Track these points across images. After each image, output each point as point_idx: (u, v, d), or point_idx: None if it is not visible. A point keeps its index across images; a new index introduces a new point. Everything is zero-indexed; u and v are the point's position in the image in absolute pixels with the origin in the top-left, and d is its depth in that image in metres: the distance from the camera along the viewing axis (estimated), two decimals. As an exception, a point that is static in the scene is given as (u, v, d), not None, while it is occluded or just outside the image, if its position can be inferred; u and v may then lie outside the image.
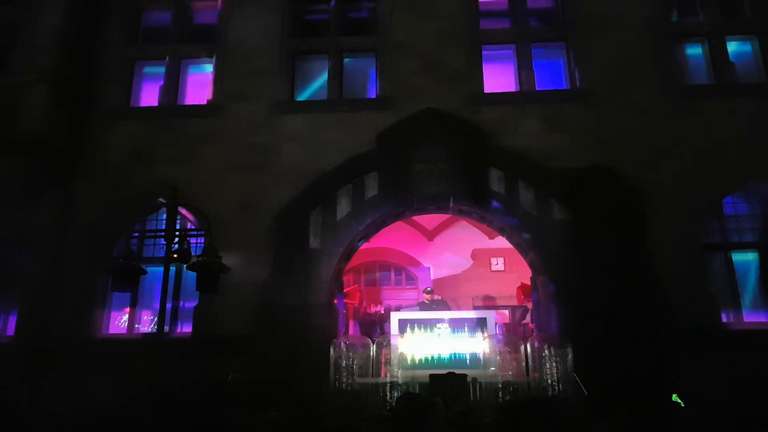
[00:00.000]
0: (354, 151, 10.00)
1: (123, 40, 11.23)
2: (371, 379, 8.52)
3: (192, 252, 6.88)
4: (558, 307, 9.06)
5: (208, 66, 11.11)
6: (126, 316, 10.05)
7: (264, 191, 9.92)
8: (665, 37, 10.48)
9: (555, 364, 8.41)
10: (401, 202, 9.78)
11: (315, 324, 9.02)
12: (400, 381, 8.41)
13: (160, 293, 6.71)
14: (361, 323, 12.15)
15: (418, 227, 13.97)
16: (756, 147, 9.52)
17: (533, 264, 9.77)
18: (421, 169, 9.72)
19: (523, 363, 8.59)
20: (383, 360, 8.73)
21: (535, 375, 8.46)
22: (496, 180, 9.74)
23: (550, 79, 10.84)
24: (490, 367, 8.60)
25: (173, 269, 6.75)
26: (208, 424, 5.68)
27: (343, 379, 8.45)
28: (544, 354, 8.50)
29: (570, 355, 8.35)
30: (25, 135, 9.58)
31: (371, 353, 8.68)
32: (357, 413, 7.72)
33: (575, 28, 10.70)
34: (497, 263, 14.03)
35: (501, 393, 8.23)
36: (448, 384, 7.90)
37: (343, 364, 8.52)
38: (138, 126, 10.59)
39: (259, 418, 5.78)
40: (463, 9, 10.88)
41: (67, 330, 9.31)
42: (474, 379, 8.23)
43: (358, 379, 8.48)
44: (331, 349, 8.59)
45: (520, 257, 10.29)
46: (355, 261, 11.62)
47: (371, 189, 9.84)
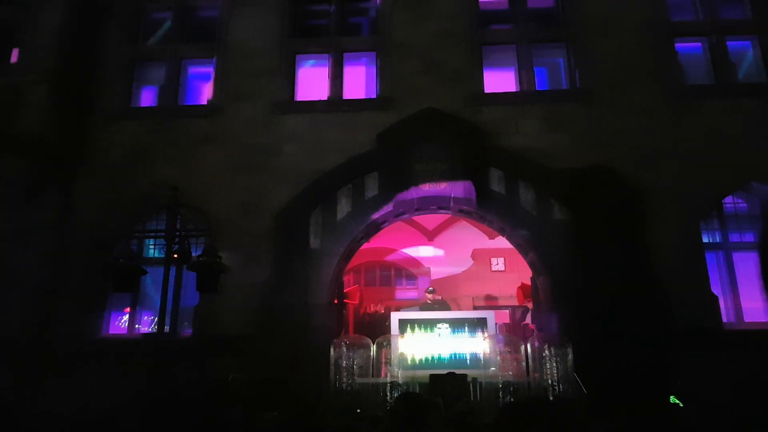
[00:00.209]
0: (354, 151, 10.00)
1: (123, 40, 11.24)
2: (371, 380, 8.51)
3: (192, 252, 6.88)
4: (558, 307, 9.07)
5: (208, 66, 11.12)
6: (126, 316, 10.06)
7: (264, 191, 9.92)
8: (665, 37, 10.47)
9: (555, 364, 8.39)
10: (401, 201, 9.77)
11: (315, 324, 9.02)
12: (400, 381, 8.39)
13: (160, 293, 6.72)
14: (361, 323, 12.14)
15: (418, 227, 13.98)
16: (756, 147, 9.52)
17: (533, 264, 9.77)
18: (422, 169, 9.72)
19: (524, 363, 8.58)
20: (383, 360, 8.72)
21: (536, 375, 8.45)
22: (496, 180, 9.74)
23: (550, 79, 10.84)
24: (490, 367, 8.59)
25: (173, 269, 6.73)
26: (208, 424, 5.68)
27: (344, 379, 8.44)
28: (544, 354, 8.49)
29: (570, 355, 8.34)
30: (26, 135, 9.59)
31: (371, 353, 8.66)
32: (357, 413, 7.71)
33: (575, 28, 10.70)
34: (497, 263, 14.04)
35: (501, 393, 8.21)
36: (448, 384, 7.89)
37: (344, 364, 8.51)
38: (138, 126, 10.59)
39: (259, 418, 5.78)
40: (464, 9, 10.88)
41: (67, 330, 9.31)
42: (474, 379, 8.21)
43: (358, 379, 8.46)
44: (332, 349, 8.58)
45: (520, 257, 10.30)
46: (356, 261, 11.62)
47: (371, 189, 9.84)
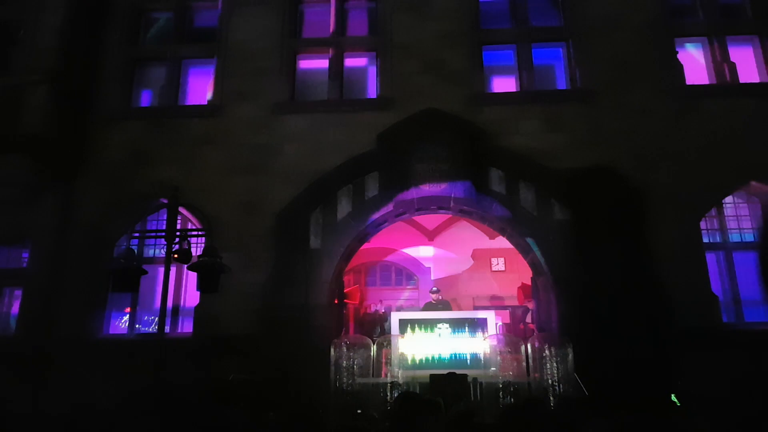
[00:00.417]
0: (354, 152, 9.99)
1: (123, 40, 11.24)
2: (372, 380, 8.51)
3: (193, 252, 6.88)
4: (558, 307, 9.07)
5: (208, 66, 11.12)
6: (126, 316, 10.06)
7: (265, 191, 9.92)
8: (665, 37, 10.47)
9: (555, 364, 8.40)
10: (402, 201, 9.78)
11: (315, 324, 9.01)
12: (400, 381, 8.40)
13: (160, 293, 6.73)
14: (362, 323, 12.14)
15: (418, 227, 13.97)
16: (756, 147, 9.51)
17: (534, 264, 9.76)
18: (422, 169, 9.71)
19: (524, 363, 8.58)
20: (384, 360, 8.73)
21: (536, 375, 8.45)
22: (496, 180, 9.75)
23: (550, 79, 10.84)
24: (490, 367, 8.59)
25: (174, 269, 6.74)
26: (208, 424, 5.68)
27: (344, 380, 8.44)
28: (544, 354, 8.49)
29: (570, 355, 8.34)
30: (26, 135, 9.58)
31: (372, 353, 8.66)
32: (357, 413, 7.71)
33: (576, 28, 10.70)
34: (498, 263, 14.03)
35: (501, 393, 8.22)
36: (448, 384, 7.90)
37: (344, 364, 8.51)
38: (139, 126, 10.59)
39: (260, 418, 5.78)
40: (464, 9, 10.88)
41: (67, 330, 9.31)
42: (474, 379, 8.22)
43: (358, 380, 8.46)
44: (332, 350, 8.58)
45: (520, 257, 10.29)
46: (356, 261, 11.62)
47: (372, 189, 9.84)
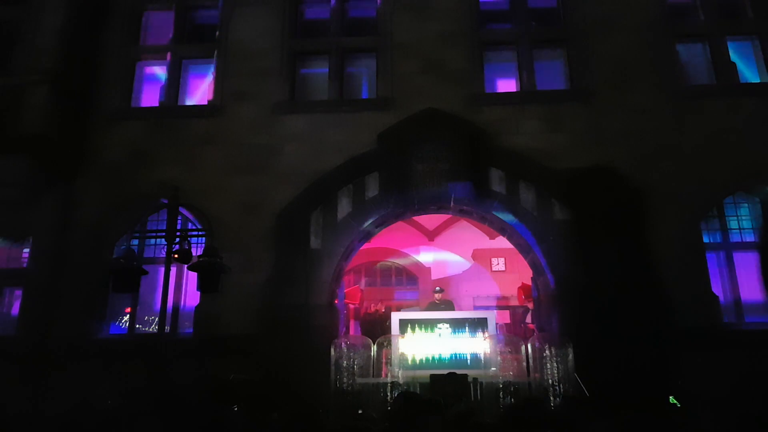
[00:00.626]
0: (355, 152, 9.99)
1: (124, 40, 11.24)
2: (372, 380, 8.52)
3: (193, 252, 6.88)
4: (559, 307, 9.07)
5: (209, 66, 11.12)
6: (126, 316, 10.06)
7: (265, 192, 9.92)
8: (665, 38, 10.47)
9: (556, 364, 8.40)
10: (402, 202, 9.78)
11: (316, 324, 9.01)
12: (400, 381, 8.41)
13: (160, 293, 6.72)
14: (362, 323, 12.14)
15: (418, 227, 13.97)
16: (756, 147, 9.51)
17: (534, 264, 9.76)
18: (422, 169, 9.71)
19: (524, 363, 8.60)
20: (384, 360, 8.74)
21: (536, 375, 8.45)
22: (496, 180, 9.74)
23: (550, 79, 10.83)
24: (490, 368, 8.60)
25: (174, 269, 6.74)
26: (208, 424, 5.67)
27: (344, 380, 8.44)
28: (544, 354, 8.50)
29: (571, 355, 8.35)
30: (27, 135, 9.57)
31: (372, 353, 8.68)
32: (358, 413, 7.71)
33: (576, 28, 10.70)
34: (498, 263, 14.03)
35: (502, 393, 8.22)
36: (448, 384, 7.89)
37: (344, 364, 8.52)
38: (139, 126, 10.59)
39: (260, 418, 5.77)
40: (464, 9, 10.88)
41: (67, 330, 9.31)
42: (475, 380, 8.22)
43: (358, 380, 8.47)
44: (332, 350, 8.59)
45: (520, 257, 10.30)
46: (356, 261, 11.62)
47: (372, 189, 9.84)
